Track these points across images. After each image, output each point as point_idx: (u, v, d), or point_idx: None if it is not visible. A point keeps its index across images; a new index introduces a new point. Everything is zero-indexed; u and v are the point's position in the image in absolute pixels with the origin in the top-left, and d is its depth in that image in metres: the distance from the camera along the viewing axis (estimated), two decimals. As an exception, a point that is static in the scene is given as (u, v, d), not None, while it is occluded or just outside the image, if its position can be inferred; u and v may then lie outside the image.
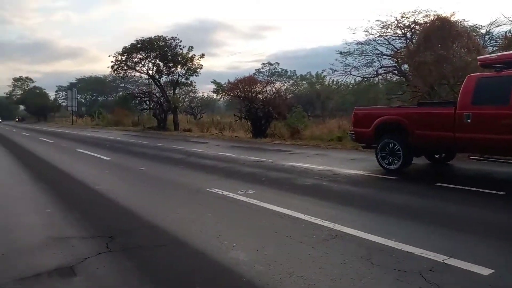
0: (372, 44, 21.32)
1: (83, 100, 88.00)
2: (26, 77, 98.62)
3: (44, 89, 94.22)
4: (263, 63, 48.27)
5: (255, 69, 46.41)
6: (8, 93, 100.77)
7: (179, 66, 35.33)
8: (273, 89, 24.94)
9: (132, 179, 9.14)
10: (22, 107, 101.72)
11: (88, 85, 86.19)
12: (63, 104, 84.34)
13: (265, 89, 24.02)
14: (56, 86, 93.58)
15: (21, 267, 3.77)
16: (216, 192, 7.13)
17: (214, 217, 5.52)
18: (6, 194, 7.53)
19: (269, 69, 46.48)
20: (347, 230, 4.72)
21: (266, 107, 22.12)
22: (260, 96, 23.60)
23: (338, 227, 4.84)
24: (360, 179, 8.58)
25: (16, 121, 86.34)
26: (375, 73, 22.45)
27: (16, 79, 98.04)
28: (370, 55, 21.65)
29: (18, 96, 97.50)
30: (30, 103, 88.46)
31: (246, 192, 7.08)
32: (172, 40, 34.81)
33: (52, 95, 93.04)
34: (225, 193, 7.00)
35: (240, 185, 7.87)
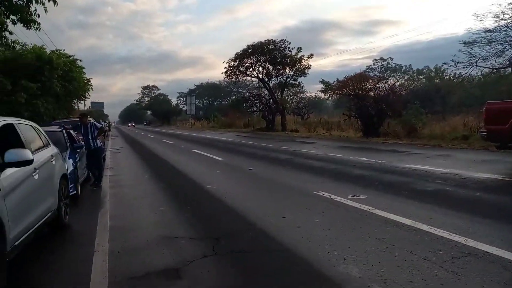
0: (503, 30, 18.50)
1: (200, 105, 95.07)
2: (153, 85, 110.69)
3: (168, 95, 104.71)
4: (375, 59, 45.80)
5: (366, 66, 44.22)
6: (138, 100, 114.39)
7: (287, 68, 35.61)
8: (386, 85, 23.35)
9: (241, 179, 9.24)
10: (149, 112, 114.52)
11: (205, 90, 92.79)
12: (183, 108, 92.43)
13: (377, 85, 22.59)
14: (178, 92, 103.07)
15: (133, 266, 3.90)
16: (324, 195, 6.71)
17: (322, 224, 5.11)
18: (130, 193, 8.19)
19: (382, 65, 43.98)
20: (483, 247, 3.88)
21: (378, 104, 20.77)
22: (372, 93, 22.29)
23: (471, 242, 4.02)
24: (494, 185, 7.26)
25: (144, 124, 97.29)
26: (508, 63, 19.41)
27: (144, 88, 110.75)
28: (501, 43, 18.81)
29: (146, 102, 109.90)
30: (156, 108, 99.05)
31: (357, 197, 6.51)
32: (281, 43, 35.26)
33: (174, 100, 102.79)
34: (334, 197, 6.53)
35: (350, 188, 7.30)
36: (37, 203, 4.36)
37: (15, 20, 9.13)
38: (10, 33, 10.32)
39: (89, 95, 31.87)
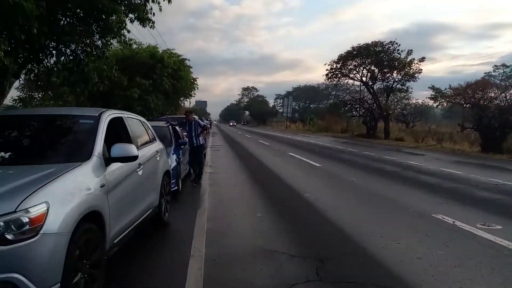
0: None
1: (296, 107, 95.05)
2: (252, 87, 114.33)
3: (265, 97, 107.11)
4: (495, 66, 40.60)
5: (484, 73, 39.48)
6: (238, 100, 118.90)
7: (395, 72, 33.35)
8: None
9: (342, 190, 8.50)
10: (247, 112, 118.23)
11: (302, 93, 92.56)
12: (280, 110, 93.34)
13: (503, 94, 19.70)
14: (275, 94, 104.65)
15: (229, 280, 3.56)
16: (445, 220, 5.69)
17: (448, 257, 4.21)
18: (228, 193, 8.04)
19: (504, 72, 38.77)
20: None
21: (504, 116, 18.04)
22: (495, 103, 19.51)
23: None
24: None
25: (243, 124, 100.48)
26: None
27: (244, 89, 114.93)
28: None
29: (245, 103, 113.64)
30: (254, 109, 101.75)
31: (488, 226, 5.39)
32: (390, 45, 33.13)
33: (271, 102, 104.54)
34: (458, 223, 5.49)
35: (478, 214, 6.13)
36: (140, 199, 4.27)
37: (133, 18, 9.62)
38: (128, 31, 10.95)
39: (195, 94, 33.60)
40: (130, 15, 9.46)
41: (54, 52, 10.02)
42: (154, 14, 10.03)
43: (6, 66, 5.99)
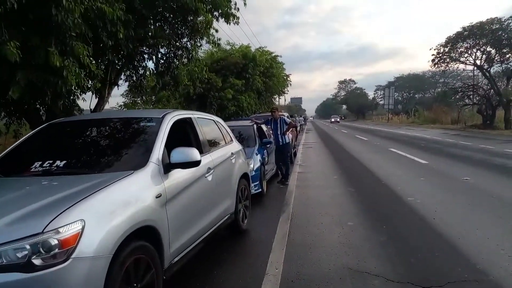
0: None
1: (399, 98, 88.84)
2: (350, 79, 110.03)
3: (364, 89, 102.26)
4: None
5: None
6: (334, 94, 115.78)
7: (518, 52, 28.75)
8: None
9: (454, 192, 7.15)
10: (344, 106, 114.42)
11: (406, 82, 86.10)
12: (380, 102, 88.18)
13: None
14: (375, 86, 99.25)
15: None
16: None
17: None
18: (316, 197, 7.34)
19: None
20: None
21: None
22: None
23: None
24: None
25: (342, 118, 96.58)
26: None
27: (341, 82, 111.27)
28: None
29: (342, 97, 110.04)
30: (351, 103, 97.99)
31: None
32: (510, 21, 28.56)
33: (371, 94, 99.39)
34: None
35: None
36: (210, 207, 3.87)
37: (217, 15, 9.48)
38: (216, 30, 10.90)
39: (287, 91, 33.26)
40: (215, 13, 9.39)
41: (145, 56, 10.44)
42: (238, 9, 9.83)
43: (94, 72, 6.13)
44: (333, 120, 75.21)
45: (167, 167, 3.10)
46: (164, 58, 10.23)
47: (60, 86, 5.45)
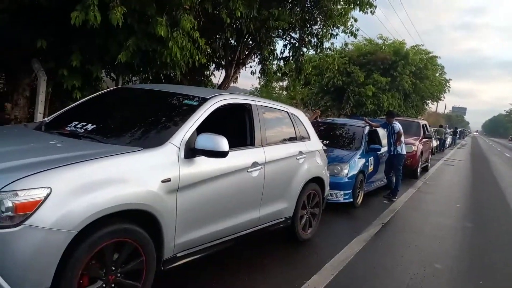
0: None
1: None
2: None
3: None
4: None
5: None
6: (509, 111, 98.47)
7: None
8: None
9: None
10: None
11: None
12: None
13: None
14: None
15: None
16: None
17: None
18: (419, 226, 6.06)
19: None
20: None
21: None
22: None
23: None
24: None
25: (510, 140, 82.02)
26: None
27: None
28: None
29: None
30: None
31: None
32: None
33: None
34: None
35: None
36: (248, 206, 3.43)
37: (352, 4, 8.72)
38: (355, 20, 10.18)
39: (444, 97, 29.41)
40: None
41: (274, 39, 10.31)
42: (375, -3, 8.89)
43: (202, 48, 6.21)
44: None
45: (190, 152, 2.79)
46: (292, 43, 9.94)
47: (166, 56, 5.65)
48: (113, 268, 2.36)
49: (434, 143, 17.18)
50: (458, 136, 38.45)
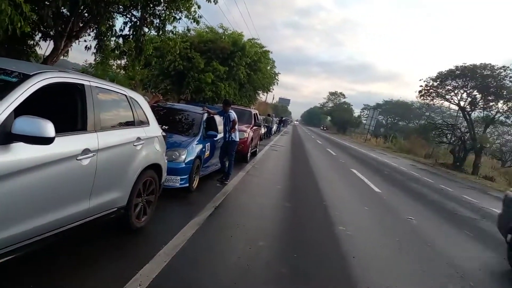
0: None
1: (383, 122, 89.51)
2: (340, 93, 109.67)
3: (352, 105, 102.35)
4: None
5: None
6: (322, 104, 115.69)
7: (501, 102, 28.91)
8: None
9: (391, 231, 6.69)
10: (328, 118, 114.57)
11: (393, 108, 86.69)
12: (364, 121, 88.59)
13: None
14: (364, 104, 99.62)
15: None
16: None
17: None
18: (246, 205, 6.76)
19: None
20: None
21: None
22: None
23: None
24: None
25: (321, 129, 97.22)
26: None
27: (331, 93, 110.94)
28: None
29: (329, 108, 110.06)
30: (336, 116, 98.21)
31: None
32: (502, 70, 28.67)
33: (357, 112, 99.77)
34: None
35: None
36: (74, 198, 3.17)
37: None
38: (199, 7, 10.25)
39: (273, 89, 32.55)
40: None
41: (114, 14, 9.61)
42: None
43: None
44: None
45: (5, 137, 2.42)
46: (131, 21, 9.45)
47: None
48: None
49: (263, 130, 18.93)
50: (282, 124, 43.31)
